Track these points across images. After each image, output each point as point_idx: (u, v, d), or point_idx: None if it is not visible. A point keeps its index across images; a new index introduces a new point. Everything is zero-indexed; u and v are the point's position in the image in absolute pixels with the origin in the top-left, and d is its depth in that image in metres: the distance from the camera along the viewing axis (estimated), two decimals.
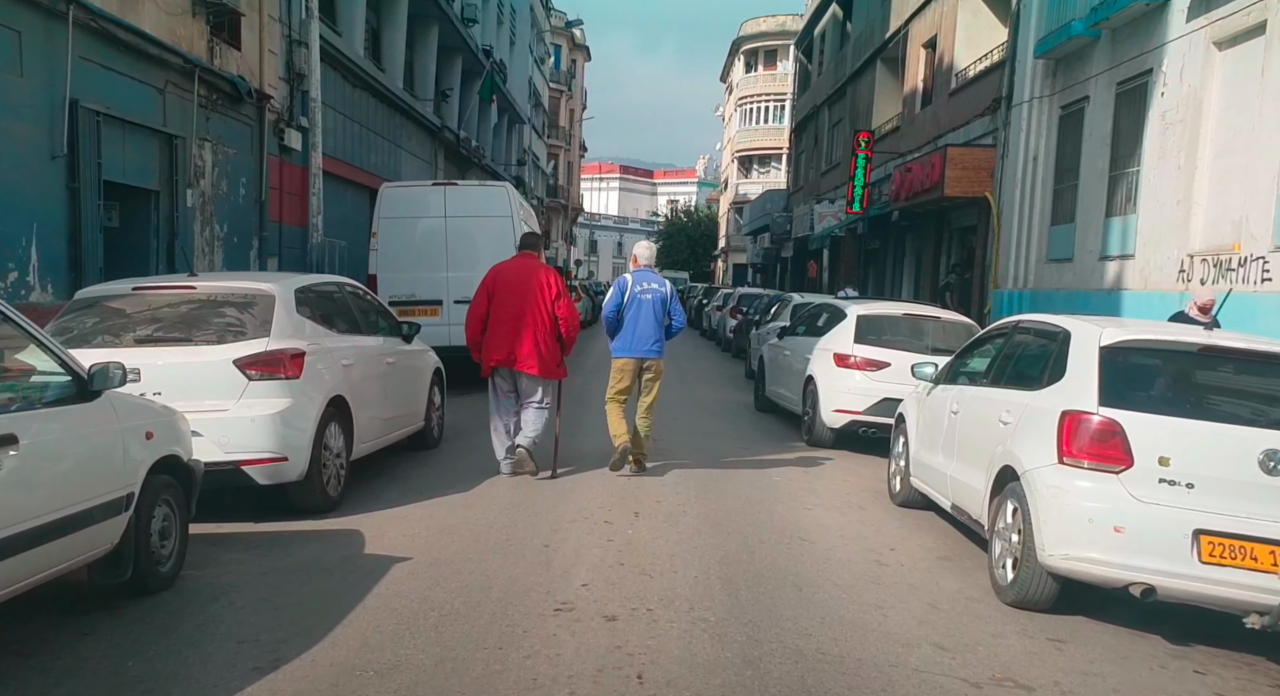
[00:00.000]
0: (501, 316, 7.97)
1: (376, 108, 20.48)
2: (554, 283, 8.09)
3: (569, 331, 8.10)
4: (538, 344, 7.91)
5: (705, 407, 12.24)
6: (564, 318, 8.00)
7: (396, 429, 7.62)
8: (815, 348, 9.85)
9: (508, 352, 7.90)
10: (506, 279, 8.14)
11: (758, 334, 15.28)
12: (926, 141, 20.68)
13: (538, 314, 7.94)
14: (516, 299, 7.97)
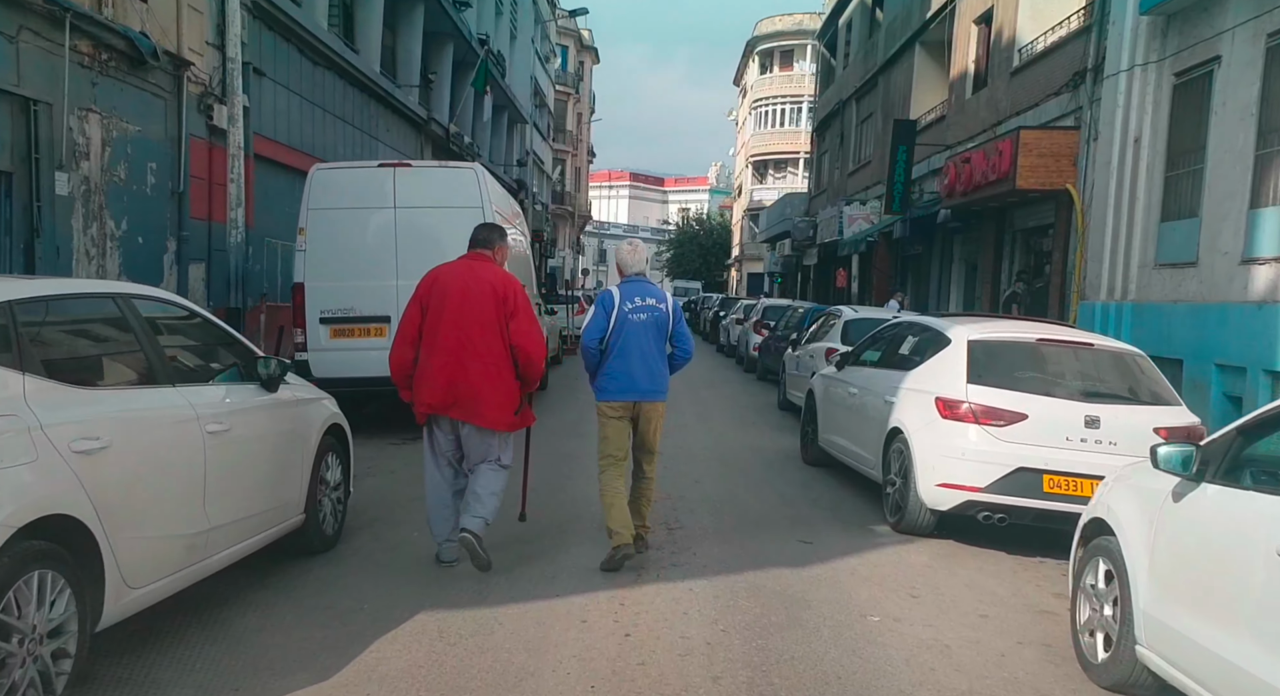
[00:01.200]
0: (439, 342, 5.31)
1: (346, 92, 17.48)
2: (511, 296, 5.37)
3: (529, 365, 5.42)
4: (489, 382, 5.28)
5: (735, 460, 9.10)
6: (521, 345, 5.33)
7: (235, 540, 4.41)
8: (902, 387, 6.71)
9: (446, 393, 5.28)
10: (446, 288, 5.41)
11: (796, 357, 12.16)
12: (981, 130, 17.56)
13: (489, 339, 5.29)
14: (459, 317, 5.29)
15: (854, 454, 7.52)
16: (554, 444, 9.12)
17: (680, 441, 9.77)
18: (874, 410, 7.11)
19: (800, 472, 8.47)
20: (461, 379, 5.18)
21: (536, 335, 5.43)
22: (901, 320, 8.16)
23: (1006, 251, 17.10)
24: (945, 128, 20.30)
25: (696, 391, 14.94)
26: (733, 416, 12.19)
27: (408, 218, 9.58)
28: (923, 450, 6.20)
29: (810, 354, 11.27)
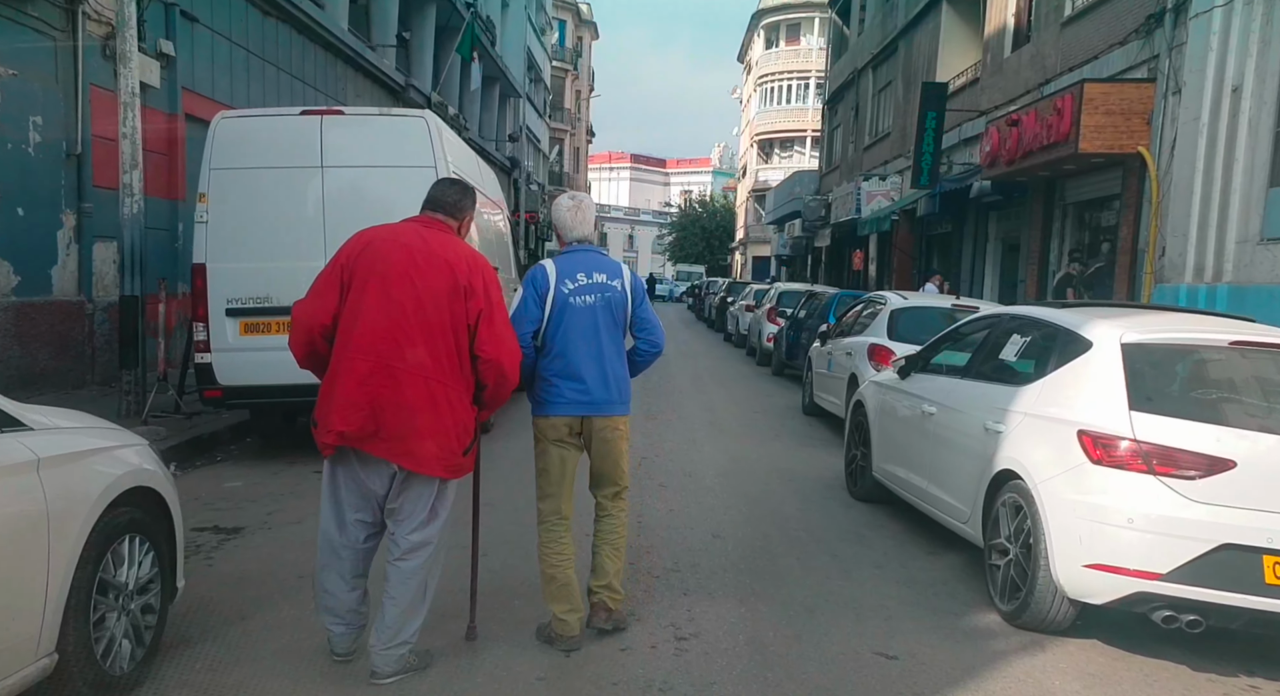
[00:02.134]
0: (359, 338, 3.47)
1: (306, 50, 15.27)
2: (480, 284, 3.53)
3: (501, 383, 3.60)
4: (432, 404, 3.46)
5: (762, 494, 6.95)
6: (492, 356, 3.51)
7: None
8: (1014, 409, 4.56)
9: (367, 418, 3.45)
10: (381, 259, 3.55)
11: (826, 353, 10.00)
12: (1024, 91, 15.34)
13: (437, 342, 3.47)
14: (396, 305, 3.46)
15: (931, 497, 5.38)
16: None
17: (688, 462, 7.65)
18: (967, 440, 4.97)
19: (850, 514, 6.32)
20: (391, 397, 3.36)
21: (511, 342, 3.57)
22: (993, 312, 5.97)
23: (1056, 228, 14.90)
24: (979, 91, 18.08)
25: (705, 390, 12.80)
26: (751, 425, 10.04)
27: (339, 179, 7.42)
28: (1060, 511, 4.05)
29: (847, 351, 9.11)
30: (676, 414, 10.27)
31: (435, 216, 3.66)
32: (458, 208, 3.71)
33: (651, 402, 11.06)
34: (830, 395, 9.64)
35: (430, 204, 3.70)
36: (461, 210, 3.72)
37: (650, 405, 10.83)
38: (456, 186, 3.82)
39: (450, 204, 3.69)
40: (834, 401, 9.45)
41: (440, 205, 3.69)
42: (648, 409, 10.49)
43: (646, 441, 8.42)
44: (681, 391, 12.33)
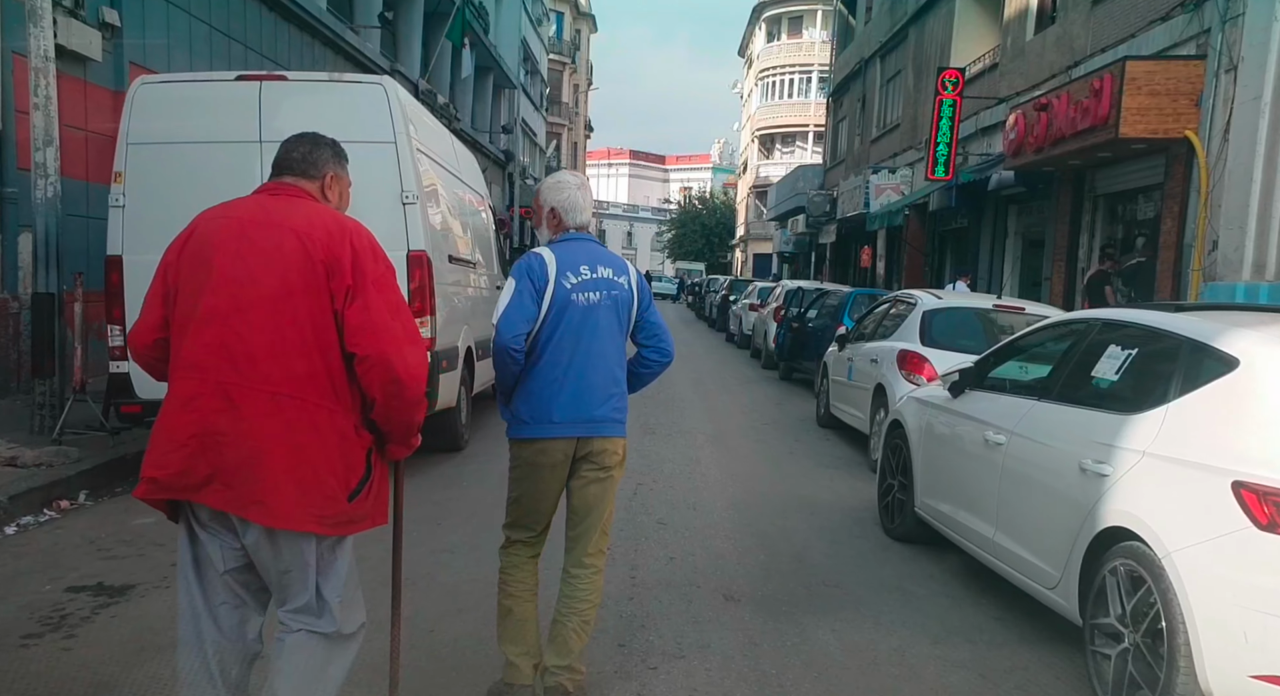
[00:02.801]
0: (189, 355, 2.43)
1: (278, 28, 14.13)
2: (347, 257, 2.46)
3: (395, 395, 2.47)
4: (288, 431, 2.38)
5: (782, 532, 5.80)
6: (368, 351, 2.42)
7: None
8: (1125, 445, 3.44)
9: (192, 455, 2.38)
10: (204, 247, 2.50)
11: (845, 359, 8.86)
12: (1050, 75, 14.21)
13: (290, 344, 2.41)
14: (229, 303, 2.43)
15: (1001, 550, 4.24)
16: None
17: (691, 490, 6.51)
18: (1053, 481, 3.83)
19: (890, 560, 5.17)
20: (227, 426, 2.37)
21: (402, 332, 2.49)
22: (1077, 317, 4.81)
23: (1085, 222, 13.77)
24: (997, 77, 16.95)
25: (708, 397, 11.65)
26: (761, 440, 8.91)
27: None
28: (1210, 595, 2.92)
29: (871, 357, 7.97)
30: (677, 427, 9.14)
31: (282, 181, 2.64)
32: (309, 164, 2.67)
33: (649, 413, 9.93)
34: (851, 407, 8.51)
35: (275, 167, 2.68)
36: (315, 166, 2.67)
37: (647, 416, 9.70)
38: (306, 139, 2.75)
39: (298, 161, 2.66)
40: (856, 415, 8.32)
41: (286, 165, 2.66)
42: (644, 421, 9.36)
43: (643, 463, 7.29)
44: (682, 399, 11.19)
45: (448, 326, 7.09)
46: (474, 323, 8.14)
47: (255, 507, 2.33)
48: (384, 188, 6.39)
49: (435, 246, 6.80)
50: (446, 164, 7.79)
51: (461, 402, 7.52)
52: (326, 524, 2.40)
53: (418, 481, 6.48)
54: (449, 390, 7.03)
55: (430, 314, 6.48)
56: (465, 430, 7.72)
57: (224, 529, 2.44)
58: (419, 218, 6.45)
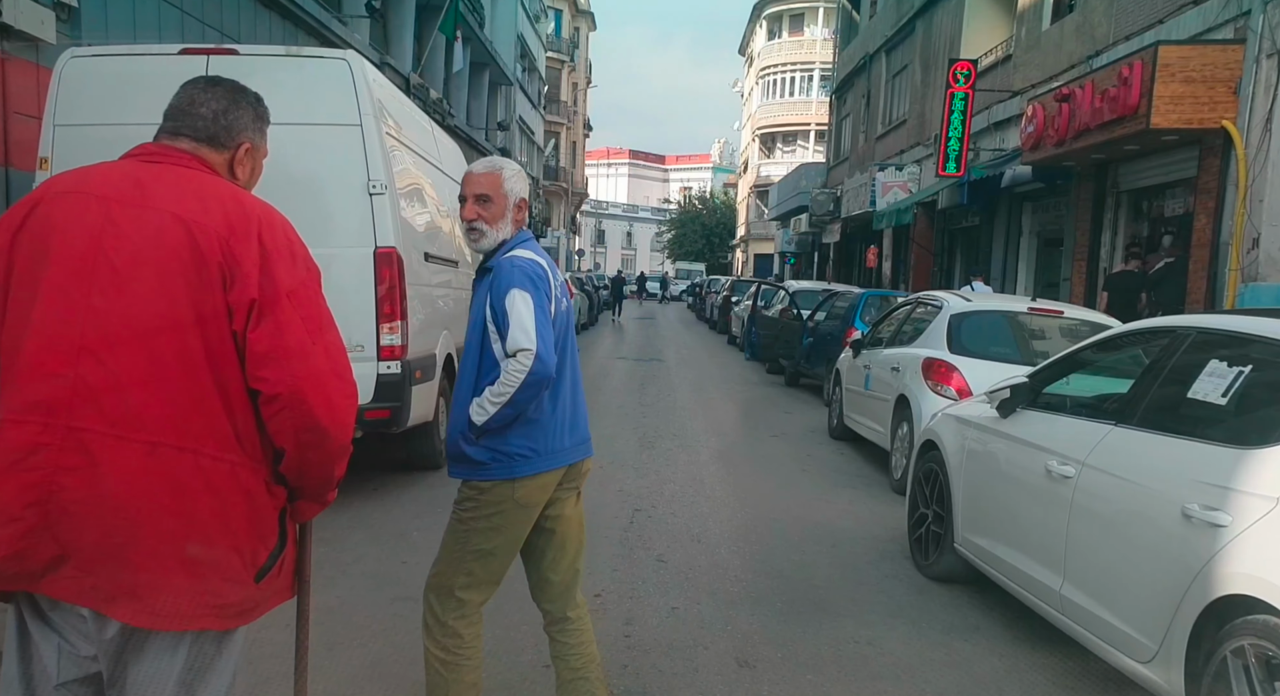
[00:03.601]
0: (25, 386, 1.65)
1: (258, 16, 13.37)
2: (252, 252, 1.74)
3: (300, 444, 1.77)
4: (182, 492, 1.67)
5: (796, 567, 5.07)
6: (277, 387, 1.73)
7: None
8: (1240, 484, 2.70)
9: (33, 530, 1.61)
10: (52, 233, 1.70)
11: (862, 367, 8.10)
12: (1068, 66, 13.49)
13: (170, 370, 1.68)
14: (77, 311, 1.65)
15: (1074, 609, 3.48)
16: None
17: (695, 517, 5.75)
18: (1145, 529, 3.09)
19: (929, 608, 4.41)
20: (82, 490, 1.66)
21: (324, 363, 1.81)
22: (1161, 324, 4.03)
23: (1108, 219, 13.03)
24: (1011, 70, 16.23)
25: (711, 405, 10.90)
26: (770, 454, 8.15)
27: None
28: None
29: (892, 365, 7.22)
30: (679, 440, 8.39)
31: (173, 144, 1.88)
32: (221, 129, 1.93)
33: (649, 424, 9.19)
34: (868, 419, 7.76)
35: (168, 120, 1.92)
36: (229, 132, 1.94)
37: (647, 427, 8.95)
38: (222, 90, 1.98)
39: (206, 121, 1.91)
40: (874, 428, 7.58)
41: (187, 122, 1.90)
42: (643, 433, 8.62)
43: (642, 483, 6.55)
44: (684, 408, 10.44)
45: (424, 332, 6.34)
46: (456, 326, 7.39)
47: (126, 602, 1.66)
48: (348, 176, 5.65)
49: (408, 243, 6.06)
50: (424, 152, 7.05)
51: (441, 415, 6.77)
52: (225, 615, 1.76)
53: (387, 506, 5.73)
54: (424, 402, 6.29)
55: (401, 318, 5.74)
56: (442, 448, 6.97)
57: (71, 625, 1.73)
58: (388, 210, 5.71)
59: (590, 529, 5.27)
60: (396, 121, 6.29)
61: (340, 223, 5.69)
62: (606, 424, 9.10)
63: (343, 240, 5.67)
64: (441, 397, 6.89)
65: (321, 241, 5.93)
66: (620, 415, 9.64)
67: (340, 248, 5.67)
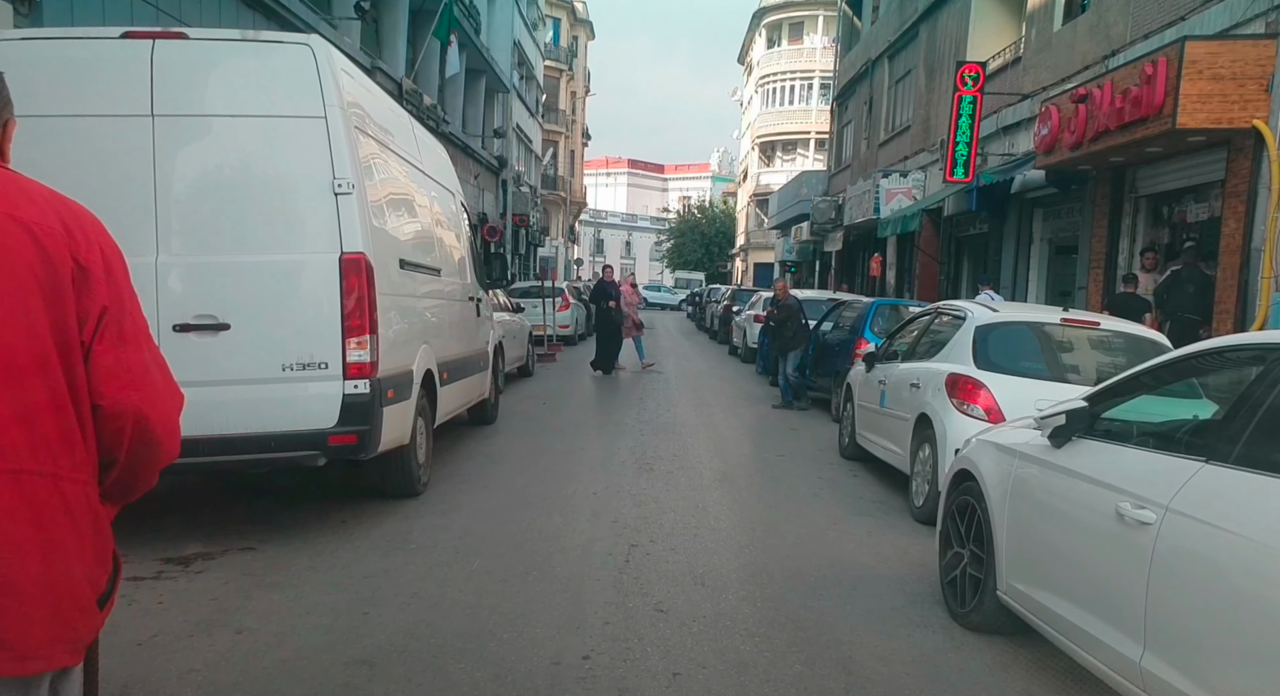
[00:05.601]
0: None
1: (240, 14, 12.80)
2: (97, 256, 1.63)
3: (133, 458, 1.67)
4: (42, 521, 1.54)
5: (814, 615, 4.42)
6: (120, 403, 1.62)
7: None
8: None
9: None
10: None
11: (876, 382, 7.47)
12: (1082, 67, 12.95)
13: (27, 387, 1.52)
14: None
15: (1164, 689, 2.85)
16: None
17: (698, 554, 5.11)
18: (1265, 593, 2.48)
19: (969, 667, 3.79)
20: None
21: (159, 374, 1.70)
22: (1253, 340, 3.41)
23: (1125, 226, 12.44)
24: (1020, 72, 15.69)
25: (713, 422, 10.27)
26: (778, 477, 7.53)
27: (180, 135, 4.94)
28: None
29: (911, 381, 6.60)
30: (679, 461, 7.77)
31: None
32: None
33: (647, 443, 8.57)
34: (884, 439, 7.14)
35: None
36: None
37: (645, 447, 8.33)
38: None
39: None
40: (891, 449, 6.96)
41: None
42: (641, 454, 7.99)
43: (639, 513, 5.93)
44: (684, 425, 9.82)
45: (398, 346, 5.73)
46: (438, 340, 6.79)
47: None
48: (312, 174, 5.06)
49: (381, 248, 5.46)
50: (401, 151, 6.45)
51: (418, 438, 6.15)
52: (77, 649, 1.63)
53: (353, 542, 5.11)
54: (398, 424, 5.67)
55: (370, 332, 5.13)
56: (423, 471, 6.36)
57: None
58: (356, 212, 5.10)
59: (583, 569, 4.73)
60: (368, 115, 5.70)
61: (303, 226, 5.09)
62: (601, 443, 8.48)
63: (306, 245, 5.07)
64: (420, 417, 6.28)
65: (282, 247, 5.33)
66: (616, 434, 9.01)
67: (303, 253, 5.07)
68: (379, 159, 5.78)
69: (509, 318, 13.01)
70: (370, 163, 5.56)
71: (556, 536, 5.29)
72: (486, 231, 25.47)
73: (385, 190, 5.81)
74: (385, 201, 5.78)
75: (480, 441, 8.43)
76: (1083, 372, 5.98)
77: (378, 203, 5.57)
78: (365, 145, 5.48)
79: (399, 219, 6.09)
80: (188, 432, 2.39)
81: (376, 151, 5.76)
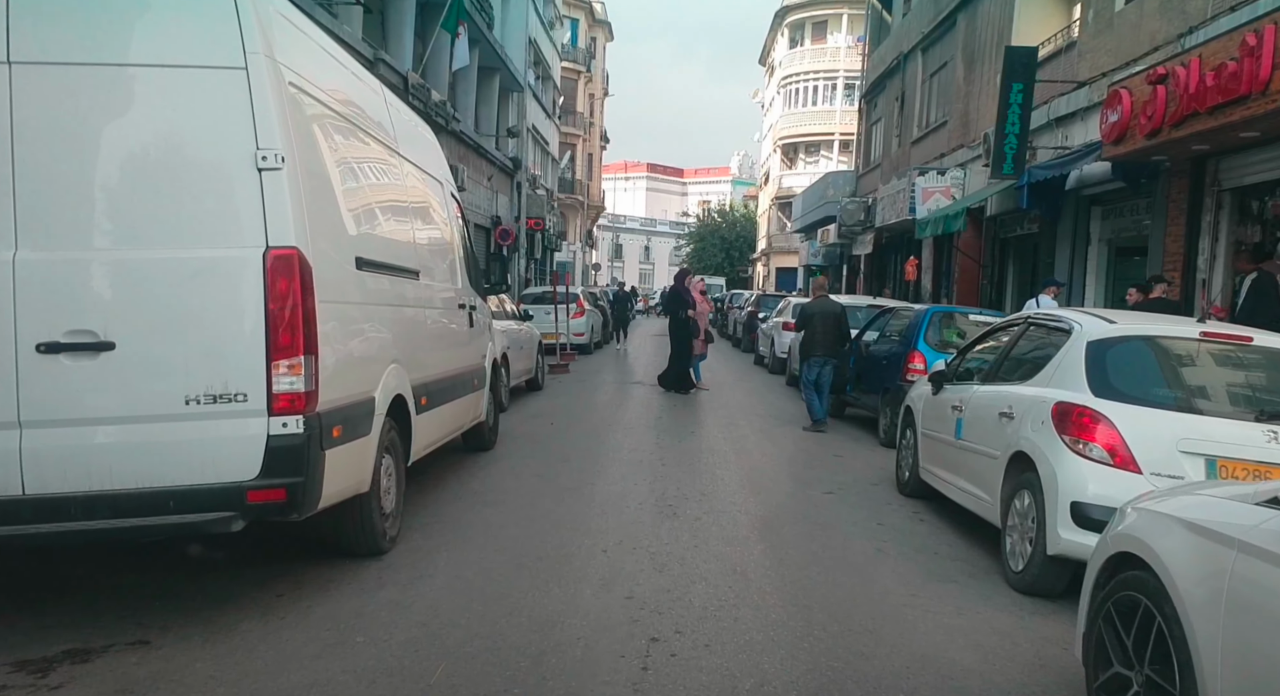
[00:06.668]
0: None
1: None
2: None
3: None
4: None
5: None
6: None
7: None
8: None
9: None
10: None
11: (950, 407, 6.06)
12: (1150, 48, 11.54)
13: None
14: None
15: None
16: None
17: (738, 650, 3.76)
18: None
19: None
20: None
21: None
22: None
23: (1207, 223, 10.98)
24: (1075, 58, 14.26)
25: (745, 450, 8.87)
26: (831, 527, 6.15)
27: (45, 87, 3.69)
28: None
29: (1001, 409, 5.20)
30: (709, 503, 6.42)
31: None
32: None
33: (669, 478, 7.22)
34: (962, 479, 5.77)
35: None
36: None
37: (666, 483, 6.99)
38: None
39: None
40: (971, 492, 5.58)
41: None
42: (662, 492, 6.65)
43: (661, 581, 4.60)
44: (712, 452, 8.47)
45: (352, 368, 4.45)
46: (415, 357, 5.50)
47: None
48: (227, 142, 3.78)
49: (326, 242, 4.18)
50: (368, 125, 5.17)
51: (381, 482, 4.86)
52: None
53: (285, 629, 3.81)
54: (351, 469, 4.39)
55: (305, 351, 3.84)
56: (391, 522, 5.06)
57: None
58: (287, 193, 3.82)
59: (584, 683, 3.23)
60: (312, 71, 4.41)
61: (216, 212, 3.81)
62: (615, 477, 7.14)
63: (219, 237, 3.80)
64: (388, 455, 4.99)
65: (186, 239, 3.55)
66: (632, 464, 7.69)
67: (215, 248, 3.80)
68: (330, 130, 4.51)
69: (515, 326, 11.73)
70: (315, 133, 4.28)
71: (552, 624, 3.97)
72: (499, 234, 24.27)
73: (338, 170, 4.53)
74: (338, 184, 4.49)
75: (472, 473, 7.14)
76: (1235, 403, 4.61)
77: (324, 184, 4.29)
78: (308, 109, 4.21)
79: (359, 207, 4.80)
80: (55, 488, 1.65)
81: (327, 120, 4.48)
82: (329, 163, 4.40)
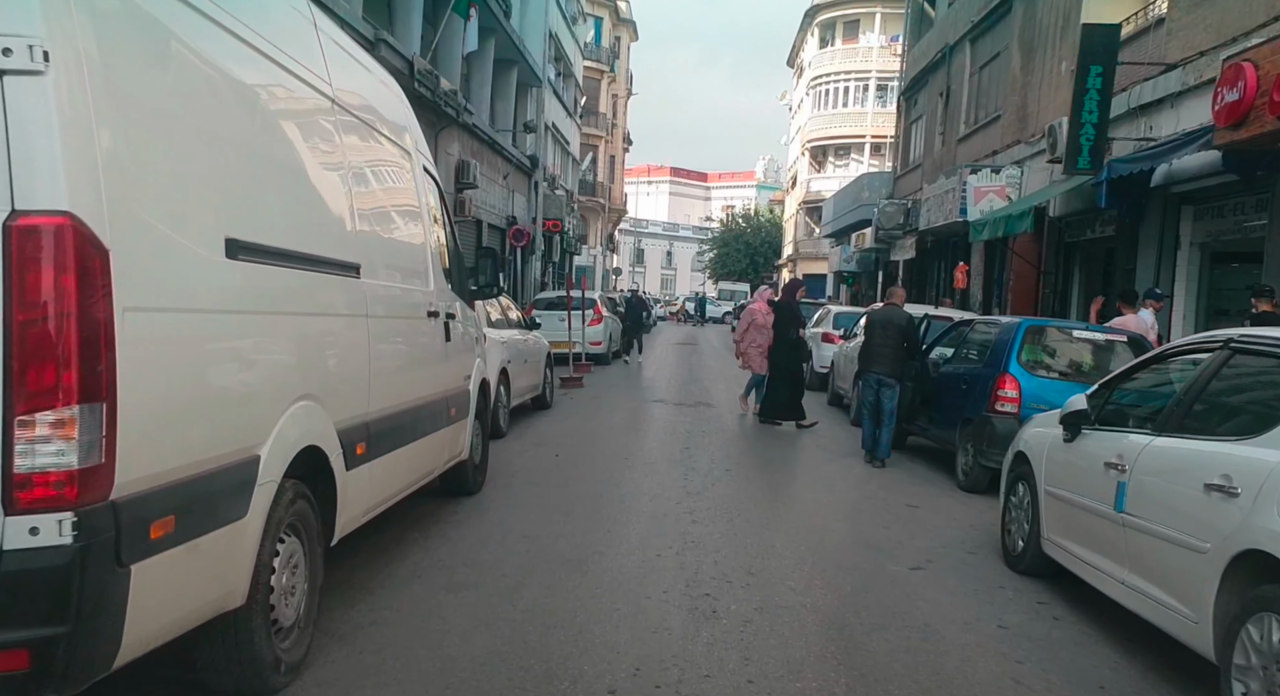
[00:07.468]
0: None
1: None
2: None
3: None
4: None
5: None
6: None
7: None
8: None
9: None
10: None
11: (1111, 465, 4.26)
12: (1268, 19, 9.72)
13: None
14: None
15: None
16: None
17: None
18: None
19: None
20: None
21: None
22: None
23: None
24: (1162, 38, 12.42)
25: (792, 495, 7.09)
26: (931, 628, 4.40)
27: None
28: None
29: (1207, 478, 3.42)
30: (756, 589, 4.64)
31: None
32: None
33: (704, 545, 5.45)
34: (1123, 568, 3.97)
35: None
36: None
37: (701, 555, 5.22)
38: None
39: None
40: (1147, 594, 3.78)
41: None
42: (696, 573, 4.87)
43: None
44: (753, 501, 6.71)
45: (205, 416, 2.75)
46: (348, 388, 3.81)
47: None
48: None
49: (155, 206, 2.49)
50: (266, 48, 3.44)
51: (278, 581, 3.15)
52: None
53: None
54: (198, 583, 2.69)
55: (82, 399, 2.14)
56: (291, 643, 3.35)
57: None
58: (55, 117, 2.13)
59: None
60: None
61: None
62: (631, 543, 5.37)
63: None
64: (293, 539, 3.29)
65: None
66: (654, 521, 5.92)
67: None
68: (182, 32, 2.81)
69: (520, 336, 10.03)
70: (141, 29, 2.59)
71: None
72: (513, 234, 22.63)
73: (194, 99, 2.83)
74: (192, 120, 2.80)
75: (444, 531, 5.43)
76: None
77: (156, 114, 2.60)
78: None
79: (238, 160, 3.10)
80: None
81: (178, 17, 2.79)
82: (170, 80, 2.70)
